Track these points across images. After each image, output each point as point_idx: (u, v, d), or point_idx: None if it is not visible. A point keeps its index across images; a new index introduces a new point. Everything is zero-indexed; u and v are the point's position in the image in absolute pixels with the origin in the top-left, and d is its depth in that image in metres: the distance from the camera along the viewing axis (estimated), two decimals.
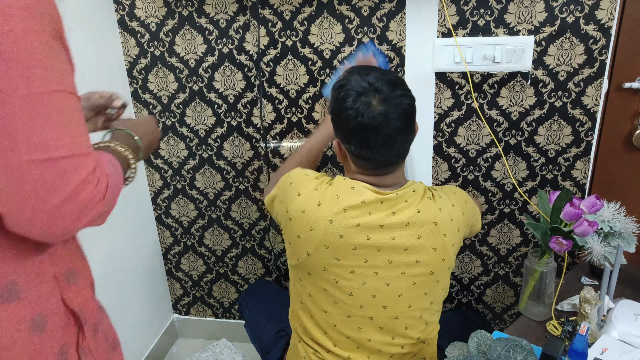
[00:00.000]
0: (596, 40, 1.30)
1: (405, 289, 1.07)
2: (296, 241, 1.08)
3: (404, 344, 1.11)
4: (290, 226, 1.09)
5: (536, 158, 1.46)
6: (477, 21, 1.34)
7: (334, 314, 1.10)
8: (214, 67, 1.54)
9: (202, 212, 1.76)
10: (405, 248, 1.05)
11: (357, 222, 1.03)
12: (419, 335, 1.12)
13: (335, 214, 1.03)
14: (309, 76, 1.49)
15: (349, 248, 1.04)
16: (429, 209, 1.06)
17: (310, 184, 1.08)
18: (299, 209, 1.06)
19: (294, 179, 1.12)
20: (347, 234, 1.03)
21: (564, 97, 1.38)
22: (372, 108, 1.00)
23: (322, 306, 1.10)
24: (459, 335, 1.36)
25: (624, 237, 1.11)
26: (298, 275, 1.13)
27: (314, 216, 1.04)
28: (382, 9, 1.38)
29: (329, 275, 1.07)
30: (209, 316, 1.97)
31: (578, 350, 0.89)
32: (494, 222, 1.57)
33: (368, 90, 1.01)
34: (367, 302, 1.08)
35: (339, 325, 1.10)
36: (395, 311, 1.09)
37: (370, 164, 1.05)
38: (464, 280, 1.67)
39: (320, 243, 1.04)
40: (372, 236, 1.04)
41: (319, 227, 1.04)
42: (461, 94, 1.43)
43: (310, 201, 1.06)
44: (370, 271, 1.06)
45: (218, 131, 1.63)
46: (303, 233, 1.06)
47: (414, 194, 1.06)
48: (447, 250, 1.07)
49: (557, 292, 1.22)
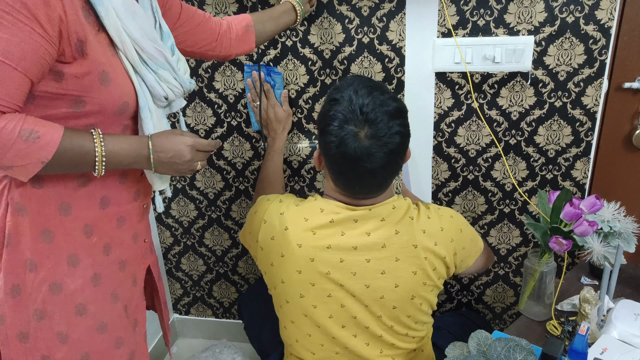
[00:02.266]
0: (596, 41, 1.30)
1: (386, 312, 1.03)
2: (270, 270, 1.05)
3: (394, 355, 1.09)
4: (263, 255, 1.05)
5: (536, 158, 1.46)
6: (477, 21, 1.34)
7: (318, 336, 1.06)
8: (214, 67, 1.54)
9: (202, 212, 1.76)
10: (382, 272, 0.99)
11: (328, 244, 0.98)
12: (408, 345, 1.10)
13: (303, 237, 0.98)
14: (309, 76, 1.49)
15: (322, 272, 0.99)
16: (409, 229, 0.99)
17: (275, 210, 1.04)
18: (268, 237, 1.03)
19: (258, 209, 1.08)
20: (318, 257, 0.98)
21: (563, 97, 1.38)
22: (358, 141, 0.91)
23: (305, 330, 1.07)
24: (458, 335, 1.36)
25: (623, 237, 1.11)
26: (278, 302, 1.10)
27: (282, 242, 1.00)
28: (382, 9, 1.38)
29: (305, 302, 1.02)
30: (209, 316, 1.97)
31: (578, 350, 0.89)
32: (494, 222, 1.57)
33: (358, 119, 0.91)
34: (348, 322, 1.04)
35: (326, 345, 1.07)
36: (378, 330, 1.05)
37: (348, 188, 0.99)
38: (464, 280, 1.67)
39: (292, 269, 1.00)
40: (345, 258, 0.98)
41: (288, 252, 0.99)
42: (461, 94, 1.43)
43: (276, 227, 1.01)
44: (348, 294, 1.01)
45: (218, 131, 1.63)
46: (275, 260, 1.02)
47: (393, 211, 0.99)
48: (429, 274, 1.01)
49: (557, 292, 1.22)
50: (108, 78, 0.81)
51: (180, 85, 0.95)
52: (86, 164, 0.81)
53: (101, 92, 0.81)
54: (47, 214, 0.84)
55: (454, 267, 1.08)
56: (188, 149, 0.91)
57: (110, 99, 0.83)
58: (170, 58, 0.92)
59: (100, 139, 0.82)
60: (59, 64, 0.77)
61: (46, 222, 0.84)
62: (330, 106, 0.95)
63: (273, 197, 1.09)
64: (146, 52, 0.87)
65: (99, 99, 0.82)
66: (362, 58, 1.44)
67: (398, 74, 1.44)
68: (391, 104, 0.93)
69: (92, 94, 0.81)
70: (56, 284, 0.86)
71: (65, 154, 0.77)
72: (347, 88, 0.95)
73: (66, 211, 0.86)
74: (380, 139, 0.91)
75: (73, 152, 0.78)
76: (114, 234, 0.94)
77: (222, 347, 1.70)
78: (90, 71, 0.79)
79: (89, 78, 0.79)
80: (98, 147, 0.81)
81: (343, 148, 0.92)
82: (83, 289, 0.89)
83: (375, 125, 0.91)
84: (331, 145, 0.93)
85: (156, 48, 0.88)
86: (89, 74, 0.79)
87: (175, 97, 0.95)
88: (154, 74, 0.89)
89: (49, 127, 0.76)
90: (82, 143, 0.80)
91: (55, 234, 0.85)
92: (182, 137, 0.91)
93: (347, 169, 0.94)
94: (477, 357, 0.89)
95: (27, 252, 0.84)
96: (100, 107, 0.83)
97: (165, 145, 0.89)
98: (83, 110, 0.81)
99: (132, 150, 0.86)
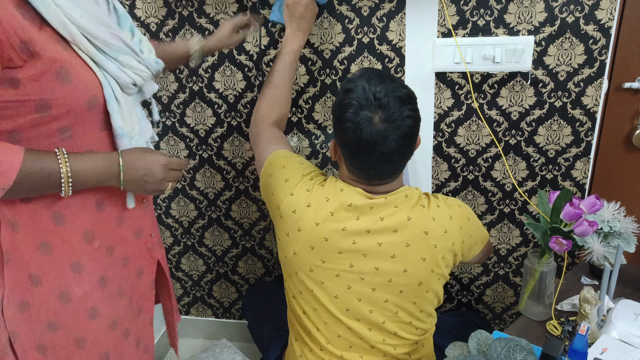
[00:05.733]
0: (596, 40, 1.30)
1: (392, 296, 1.06)
2: (285, 239, 1.08)
3: (396, 344, 1.11)
4: (280, 223, 1.09)
5: (536, 158, 1.46)
6: (477, 21, 1.34)
7: (323, 313, 1.09)
8: (214, 67, 1.54)
9: (202, 212, 1.76)
10: (392, 255, 1.03)
11: (343, 227, 1.02)
12: (411, 337, 1.11)
13: (322, 216, 1.03)
14: (309, 76, 1.49)
15: (334, 251, 1.03)
16: (421, 216, 1.03)
17: (303, 185, 1.07)
18: (290, 209, 1.06)
19: (289, 176, 1.10)
20: (332, 238, 1.03)
21: (563, 97, 1.38)
22: (372, 125, 0.96)
23: (312, 304, 1.10)
24: (458, 335, 1.36)
25: (623, 237, 1.11)
26: (288, 272, 1.13)
27: (302, 217, 1.04)
28: (382, 9, 1.38)
29: (314, 276, 1.07)
30: (209, 316, 1.97)
31: (578, 350, 0.89)
32: (494, 222, 1.57)
33: (372, 105, 0.97)
34: (352, 306, 1.07)
35: (330, 324, 1.10)
36: (382, 316, 1.07)
37: (363, 174, 1.03)
38: (463, 280, 1.67)
39: (306, 244, 1.04)
40: (358, 241, 1.02)
41: (305, 228, 1.04)
42: (461, 94, 1.43)
43: (301, 202, 1.05)
44: (356, 276, 1.05)
45: (218, 131, 1.63)
46: (291, 232, 1.06)
47: (406, 199, 1.04)
48: (437, 261, 1.05)
49: (557, 292, 1.22)
50: (67, 74, 0.76)
51: (146, 68, 0.89)
52: (51, 185, 0.78)
53: (64, 91, 0.76)
54: (42, 226, 0.82)
55: (461, 255, 1.11)
56: (161, 168, 0.89)
57: (75, 96, 0.78)
58: (129, 42, 0.85)
59: (64, 158, 0.78)
60: (10, 70, 0.72)
61: (42, 234, 0.82)
62: (344, 95, 1.00)
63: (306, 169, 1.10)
64: (100, 39, 0.80)
65: (63, 99, 0.77)
66: (362, 58, 1.44)
67: (398, 74, 1.44)
68: (401, 90, 0.99)
69: (55, 95, 0.76)
70: (64, 293, 0.85)
71: (27, 177, 0.74)
72: (359, 78, 1.00)
73: (60, 220, 0.84)
74: (394, 122, 0.96)
75: (36, 175, 0.75)
76: (115, 233, 0.93)
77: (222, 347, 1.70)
78: (45, 70, 0.74)
79: (46, 78, 0.74)
80: (63, 166, 0.78)
81: (359, 133, 0.97)
82: (91, 293, 0.88)
83: (388, 110, 0.96)
84: (348, 131, 0.98)
85: (111, 33, 0.82)
86: (45, 74, 0.74)
87: (144, 82, 0.90)
88: (114, 61, 0.83)
89: (7, 151, 0.73)
90: (45, 164, 0.76)
91: (53, 245, 0.83)
92: (155, 156, 0.89)
93: (363, 154, 0.99)
94: (477, 357, 0.89)
95: (28, 267, 0.82)
96: (68, 107, 0.78)
97: (137, 162, 0.86)
98: (50, 114, 0.77)
99: (99, 169, 0.82)
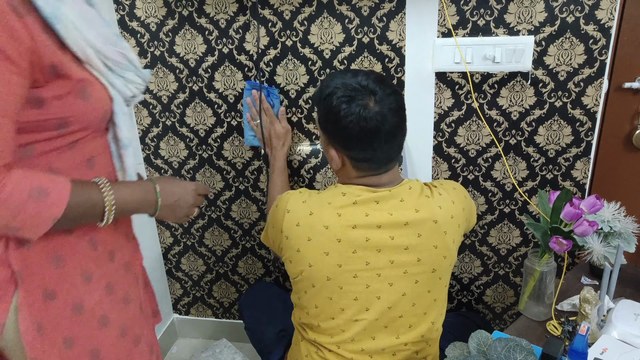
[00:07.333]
0: (596, 40, 1.30)
1: (409, 288, 1.07)
2: (296, 256, 1.07)
3: (407, 341, 1.11)
4: (288, 244, 1.08)
5: (536, 158, 1.46)
6: (477, 21, 1.34)
7: (341, 320, 1.09)
8: (214, 67, 1.54)
9: (202, 211, 1.76)
10: (406, 247, 1.05)
11: (354, 224, 1.03)
12: (423, 333, 1.12)
13: (330, 219, 1.03)
14: (309, 76, 1.49)
15: (348, 251, 1.04)
16: (428, 207, 1.06)
17: (296, 199, 1.08)
18: (293, 224, 1.06)
19: (278, 203, 1.12)
20: (345, 237, 1.03)
21: (564, 97, 1.38)
22: (370, 110, 1.00)
23: (329, 314, 1.10)
24: (459, 335, 1.36)
25: (624, 237, 1.11)
26: (303, 288, 1.12)
27: (308, 226, 1.04)
28: (382, 9, 1.38)
29: (332, 284, 1.06)
30: (209, 316, 1.97)
31: (578, 350, 0.89)
32: (494, 222, 1.57)
33: (361, 93, 1.00)
34: (372, 305, 1.08)
35: (347, 331, 1.10)
36: (400, 310, 1.09)
37: (373, 164, 1.05)
38: (464, 280, 1.67)
39: (320, 251, 1.04)
40: (371, 237, 1.03)
41: (315, 235, 1.04)
42: (461, 94, 1.43)
43: (301, 213, 1.06)
44: (373, 273, 1.06)
45: (218, 131, 1.63)
46: (302, 246, 1.06)
47: (410, 191, 1.06)
48: (449, 247, 1.08)
49: (557, 292, 1.22)
50: (87, 92, 0.78)
51: (142, 81, 0.91)
52: (95, 215, 0.80)
53: (84, 108, 0.78)
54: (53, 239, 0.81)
55: (465, 229, 1.16)
56: (192, 193, 0.94)
57: (94, 112, 0.80)
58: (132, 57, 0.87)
59: (107, 188, 0.80)
60: (34, 89, 0.72)
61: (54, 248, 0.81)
62: (328, 101, 1.02)
63: (291, 191, 1.13)
64: (111, 59, 0.82)
65: (83, 115, 0.78)
66: (362, 58, 1.44)
67: (398, 74, 1.44)
68: (372, 74, 1.04)
69: (75, 112, 0.77)
70: (77, 305, 0.84)
71: (74, 207, 0.75)
72: (332, 81, 1.04)
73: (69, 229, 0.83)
74: (385, 101, 1.01)
75: (82, 206, 0.77)
76: (113, 238, 0.92)
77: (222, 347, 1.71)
78: (71, 90, 0.76)
79: (70, 97, 0.76)
80: (107, 196, 0.80)
81: (364, 122, 0.99)
82: (101, 300, 0.88)
83: (376, 93, 1.01)
84: (352, 125, 1.00)
85: (119, 52, 0.84)
86: (70, 93, 0.76)
87: (140, 94, 0.93)
88: (121, 78, 0.86)
89: (55, 182, 0.74)
90: (90, 195, 0.78)
91: (64, 257, 0.82)
92: (185, 182, 0.95)
93: (373, 140, 1.01)
94: (477, 357, 0.89)
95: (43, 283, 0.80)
96: (85, 123, 0.80)
97: (171, 189, 0.90)
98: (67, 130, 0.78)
99: (138, 197, 0.85)
